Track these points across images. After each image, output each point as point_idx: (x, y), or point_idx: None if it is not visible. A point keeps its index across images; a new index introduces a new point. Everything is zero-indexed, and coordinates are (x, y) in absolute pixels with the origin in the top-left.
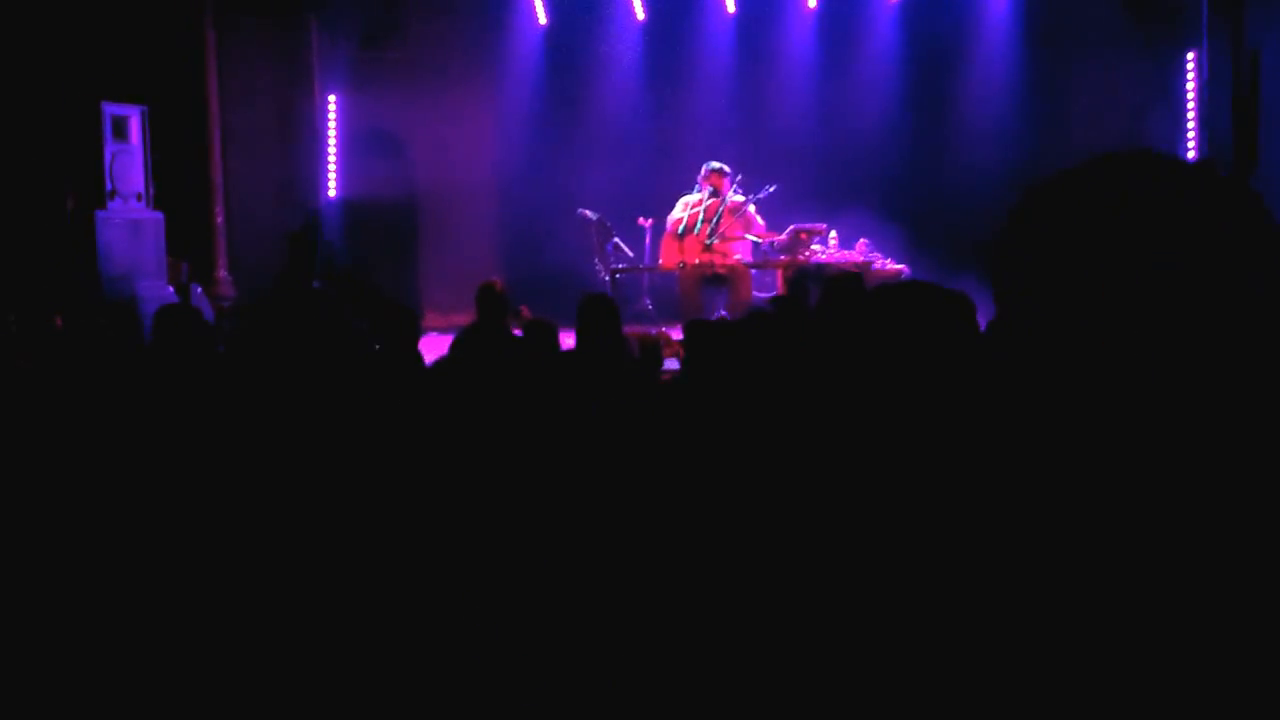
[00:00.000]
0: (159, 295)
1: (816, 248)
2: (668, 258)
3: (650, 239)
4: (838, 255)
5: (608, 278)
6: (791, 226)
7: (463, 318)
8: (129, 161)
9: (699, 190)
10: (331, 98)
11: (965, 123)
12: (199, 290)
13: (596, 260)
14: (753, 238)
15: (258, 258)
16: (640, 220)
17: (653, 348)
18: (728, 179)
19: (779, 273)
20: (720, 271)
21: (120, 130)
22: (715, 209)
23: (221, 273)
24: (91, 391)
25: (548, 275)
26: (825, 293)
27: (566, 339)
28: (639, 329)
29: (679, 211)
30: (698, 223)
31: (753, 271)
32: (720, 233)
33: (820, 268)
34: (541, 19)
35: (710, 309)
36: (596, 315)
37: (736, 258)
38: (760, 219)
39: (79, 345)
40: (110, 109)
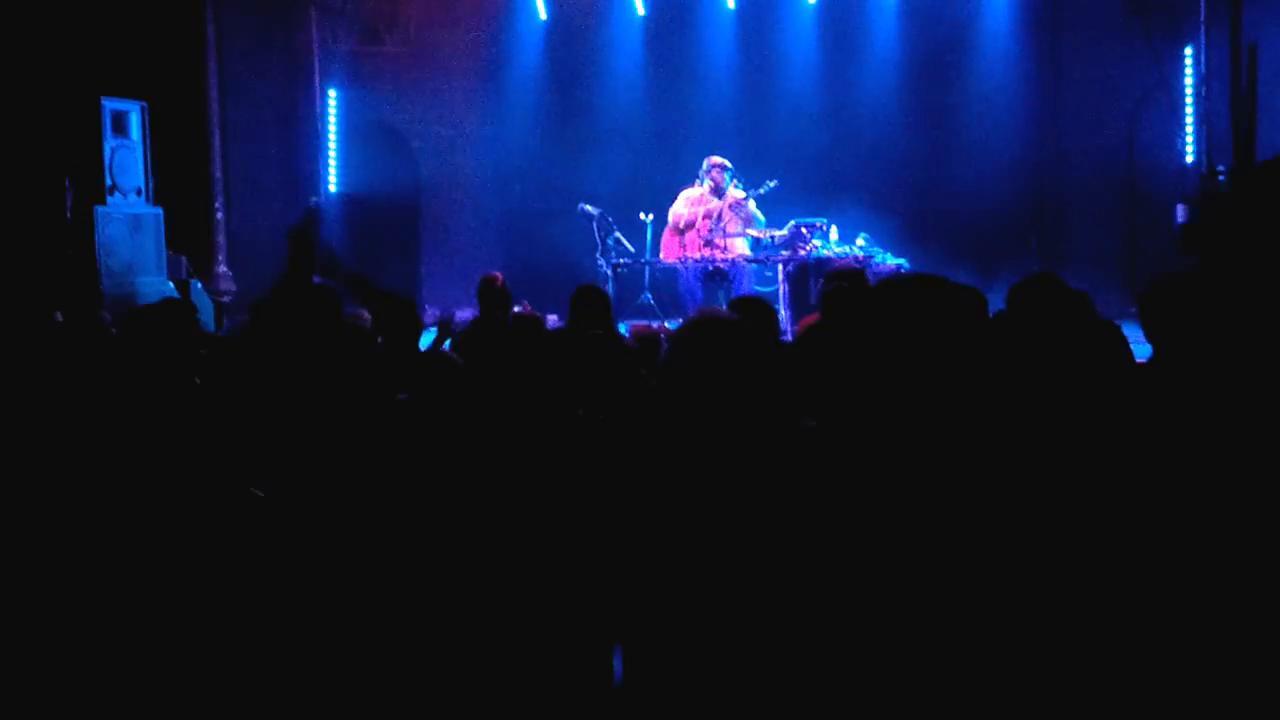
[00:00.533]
0: (159, 290)
1: (816, 242)
2: (669, 252)
3: (651, 233)
4: (837, 250)
5: (609, 272)
6: (791, 222)
7: (464, 312)
8: (129, 157)
9: (700, 184)
10: (331, 92)
11: (964, 118)
12: (198, 285)
13: (598, 254)
14: (753, 233)
15: (257, 253)
16: (641, 215)
17: (650, 341)
18: (729, 173)
19: (779, 267)
20: (721, 266)
21: (120, 125)
22: (716, 204)
23: (221, 267)
24: (89, 386)
25: (548, 270)
26: (825, 287)
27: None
28: (640, 323)
29: (680, 205)
30: (698, 218)
31: (753, 266)
32: (722, 227)
33: (820, 262)
34: (542, 14)
35: (711, 303)
36: (588, 305)
37: (737, 252)
38: (761, 214)
39: (78, 340)
40: (110, 104)
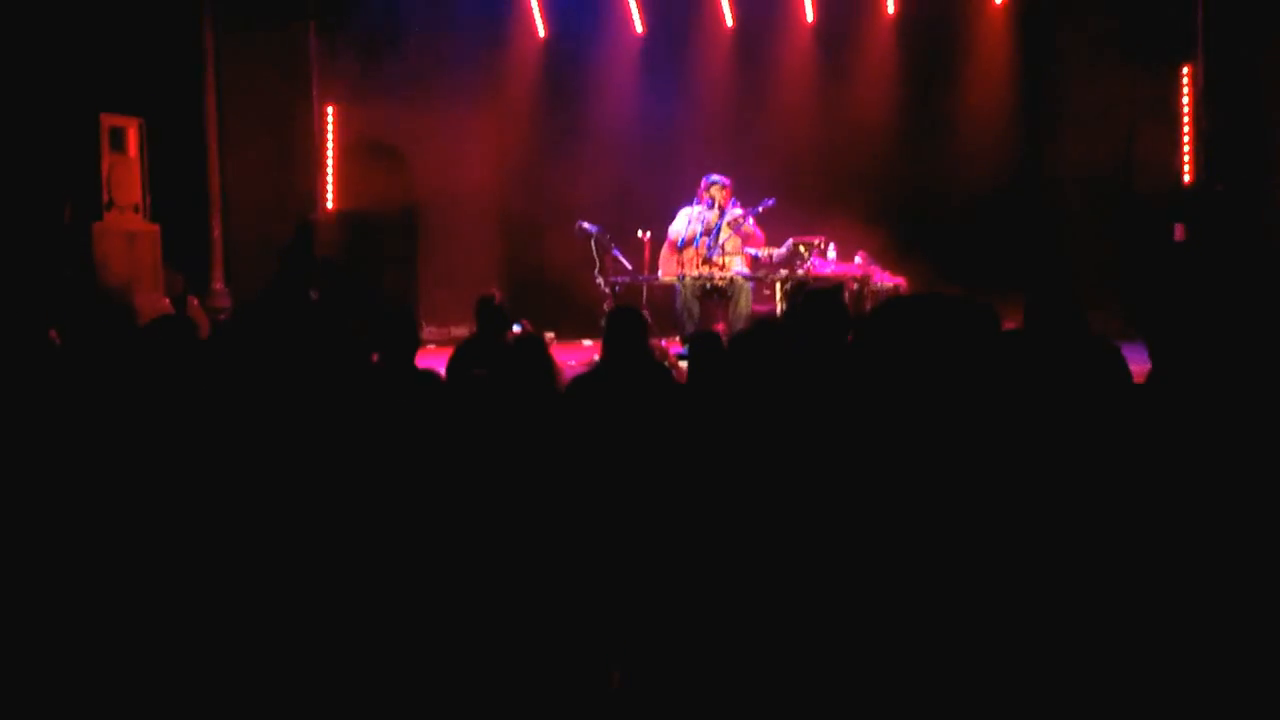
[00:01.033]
0: (155, 307)
1: (816, 259)
2: (667, 270)
3: (649, 251)
4: (835, 268)
5: (607, 290)
6: (790, 239)
7: (462, 330)
8: (126, 173)
9: (699, 203)
10: (330, 108)
11: (961, 136)
12: (194, 302)
13: (596, 273)
14: (752, 251)
15: (254, 270)
16: (639, 233)
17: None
18: (728, 192)
19: (777, 285)
20: (719, 284)
21: (118, 141)
22: (714, 222)
23: (218, 285)
24: (88, 401)
25: (547, 288)
26: (803, 305)
27: (567, 351)
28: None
29: (679, 224)
30: (697, 236)
31: (751, 284)
32: (720, 246)
33: (818, 281)
34: (540, 32)
35: (709, 322)
36: (624, 329)
37: (735, 270)
38: (760, 231)
39: (75, 356)
40: (108, 120)
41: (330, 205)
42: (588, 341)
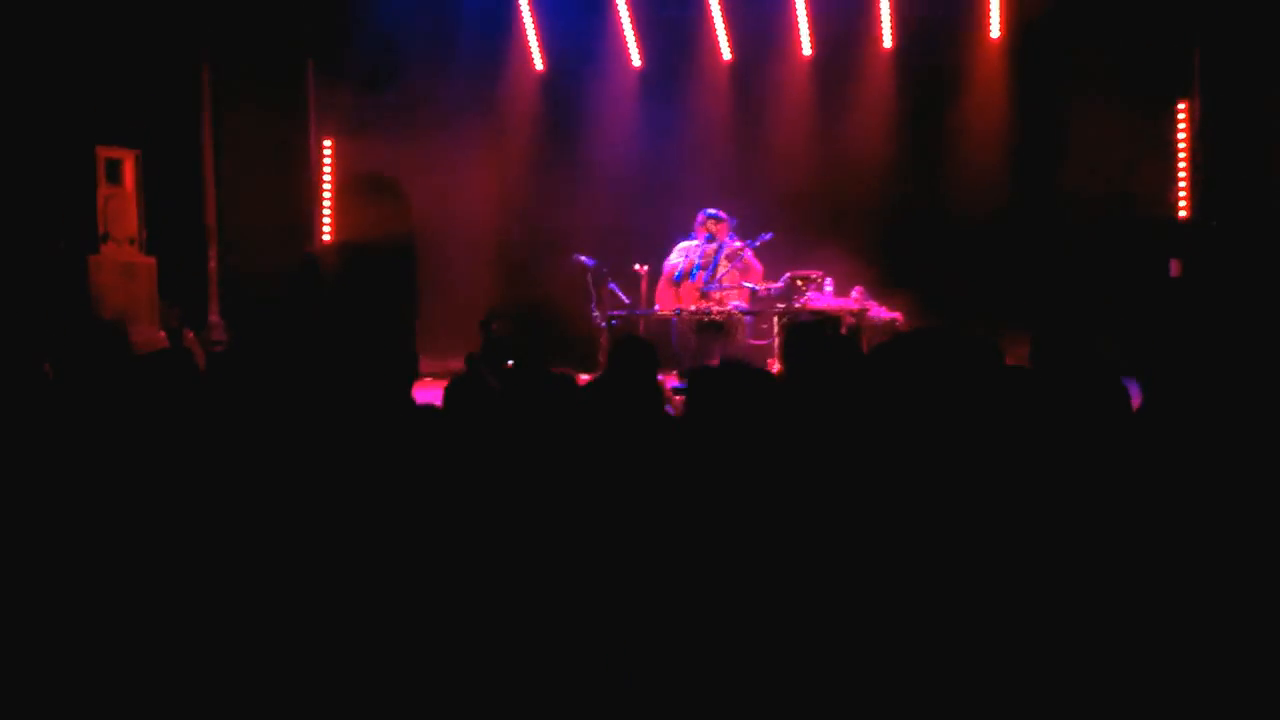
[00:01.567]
0: (151, 340)
1: (813, 293)
2: (664, 304)
3: (646, 285)
4: (833, 302)
5: (604, 324)
6: (787, 274)
7: (458, 363)
8: (123, 205)
9: (695, 237)
10: (327, 141)
11: (959, 172)
12: (190, 335)
13: (592, 306)
14: (749, 285)
15: (251, 303)
16: (636, 266)
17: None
18: (725, 225)
19: (775, 320)
20: (717, 319)
21: (114, 174)
22: (712, 256)
23: (214, 317)
24: (83, 434)
25: (543, 321)
26: (789, 339)
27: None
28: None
29: (675, 258)
30: (694, 270)
31: (749, 319)
32: (718, 279)
33: (815, 315)
34: (538, 65)
35: (706, 356)
36: (632, 359)
37: (733, 305)
38: (759, 264)
39: (70, 390)
40: (104, 152)
41: (327, 238)
42: (584, 376)
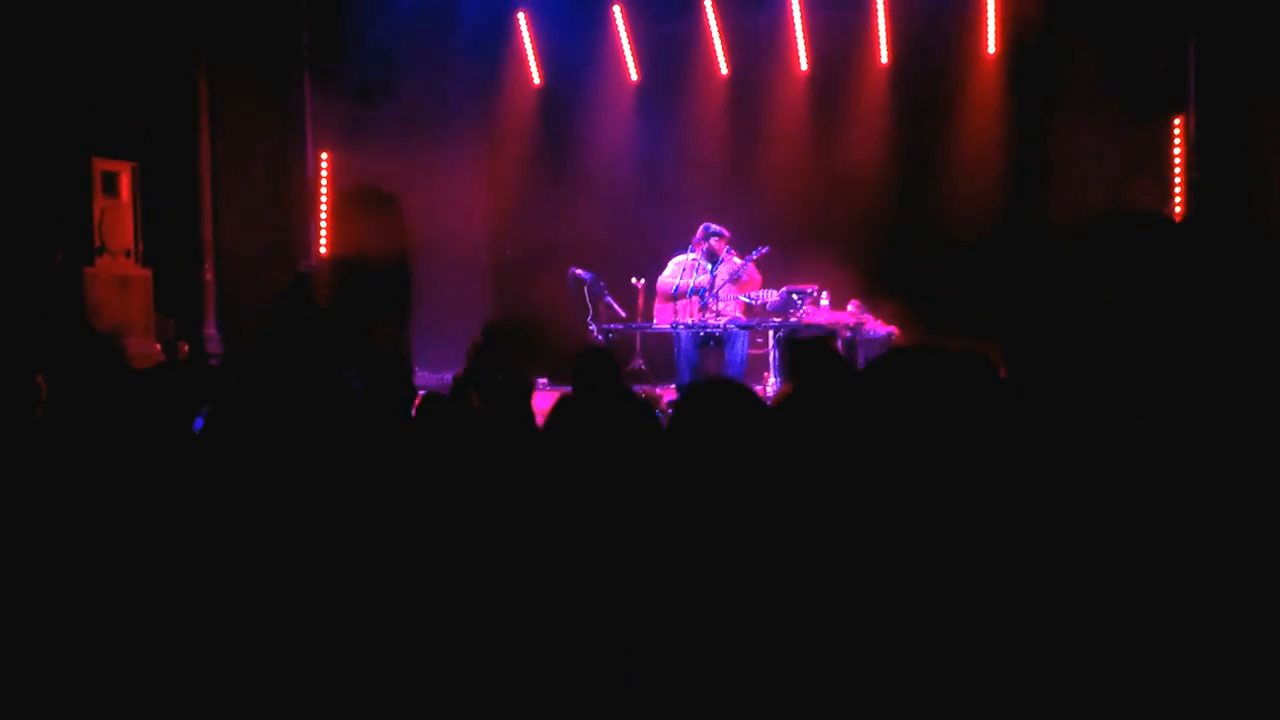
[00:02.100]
0: (146, 352)
1: (809, 307)
2: (661, 318)
3: (643, 299)
4: (829, 316)
5: (601, 337)
6: (784, 287)
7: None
8: (119, 217)
9: (693, 251)
10: (324, 154)
11: (955, 186)
12: (185, 348)
13: (589, 320)
14: (746, 298)
15: (246, 315)
16: (633, 280)
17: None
18: (724, 242)
19: (770, 334)
20: (713, 332)
21: (110, 186)
22: (710, 274)
23: (209, 330)
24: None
25: (540, 335)
26: (793, 355)
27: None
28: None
29: (670, 273)
30: (690, 288)
31: (745, 333)
32: (715, 292)
33: (811, 329)
34: (536, 79)
35: (705, 369)
36: (594, 370)
37: (730, 319)
38: (758, 274)
39: (65, 401)
40: (100, 164)
41: (323, 251)
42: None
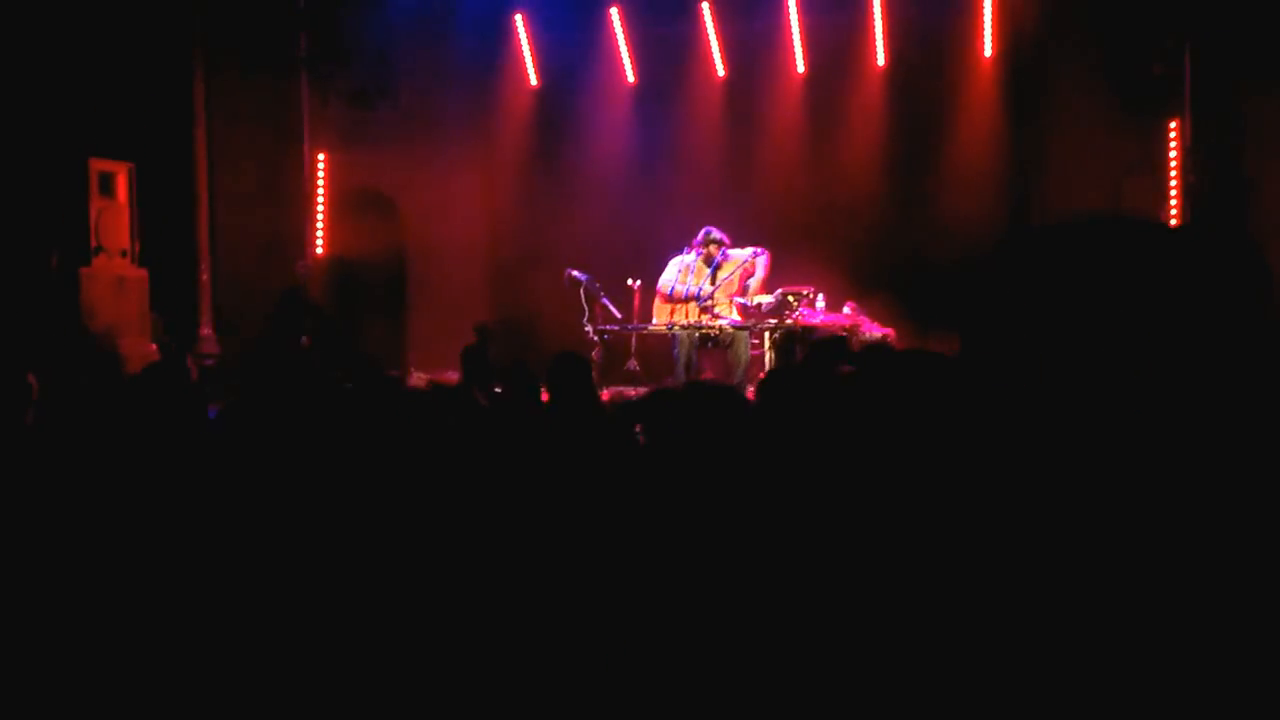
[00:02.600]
0: (142, 353)
1: (805, 309)
2: (660, 318)
3: (639, 300)
4: (824, 318)
5: (596, 338)
6: (779, 289)
7: (450, 377)
8: (115, 218)
9: (690, 251)
10: (320, 155)
11: (949, 188)
12: (181, 348)
13: (585, 321)
14: (741, 300)
15: (242, 316)
16: (629, 281)
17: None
18: (724, 249)
19: (766, 335)
20: (711, 333)
21: (107, 186)
22: (707, 278)
23: (205, 330)
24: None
25: (535, 336)
26: (810, 354)
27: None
28: (619, 390)
29: (670, 273)
30: (687, 290)
31: (746, 334)
32: (713, 296)
33: (807, 331)
34: (533, 80)
35: (701, 371)
36: (567, 374)
37: (726, 320)
38: (759, 269)
39: (60, 402)
40: (97, 165)
41: (320, 252)
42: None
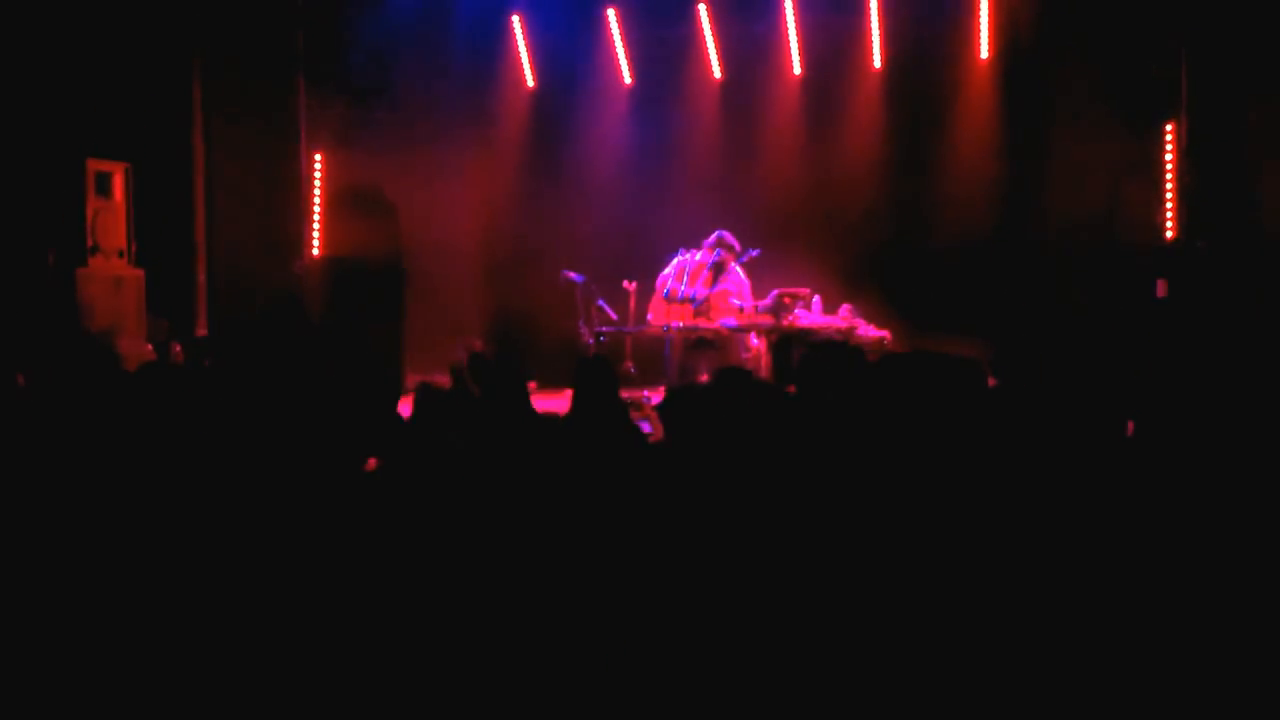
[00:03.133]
0: (138, 353)
1: (801, 311)
2: (658, 317)
3: (635, 301)
4: (821, 320)
5: (591, 340)
6: (775, 291)
7: (446, 379)
8: (112, 218)
9: (699, 253)
10: (318, 155)
11: (946, 190)
12: (177, 348)
13: (581, 322)
14: (738, 302)
15: (239, 316)
16: (625, 283)
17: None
18: (733, 263)
19: (763, 337)
20: (706, 335)
21: (104, 186)
22: (707, 274)
23: (202, 331)
24: (70, 447)
25: (531, 337)
26: (807, 358)
27: (549, 400)
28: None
29: (669, 273)
30: (681, 292)
31: (739, 335)
32: (708, 298)
33: (804, 332)
34: (530, 81)
35: (695, 373)
36: (593, 378)
37: (721, 322)
38: (747, 279)
39: (55, 401)
40: (94, 165)
41: (317, 252)
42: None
